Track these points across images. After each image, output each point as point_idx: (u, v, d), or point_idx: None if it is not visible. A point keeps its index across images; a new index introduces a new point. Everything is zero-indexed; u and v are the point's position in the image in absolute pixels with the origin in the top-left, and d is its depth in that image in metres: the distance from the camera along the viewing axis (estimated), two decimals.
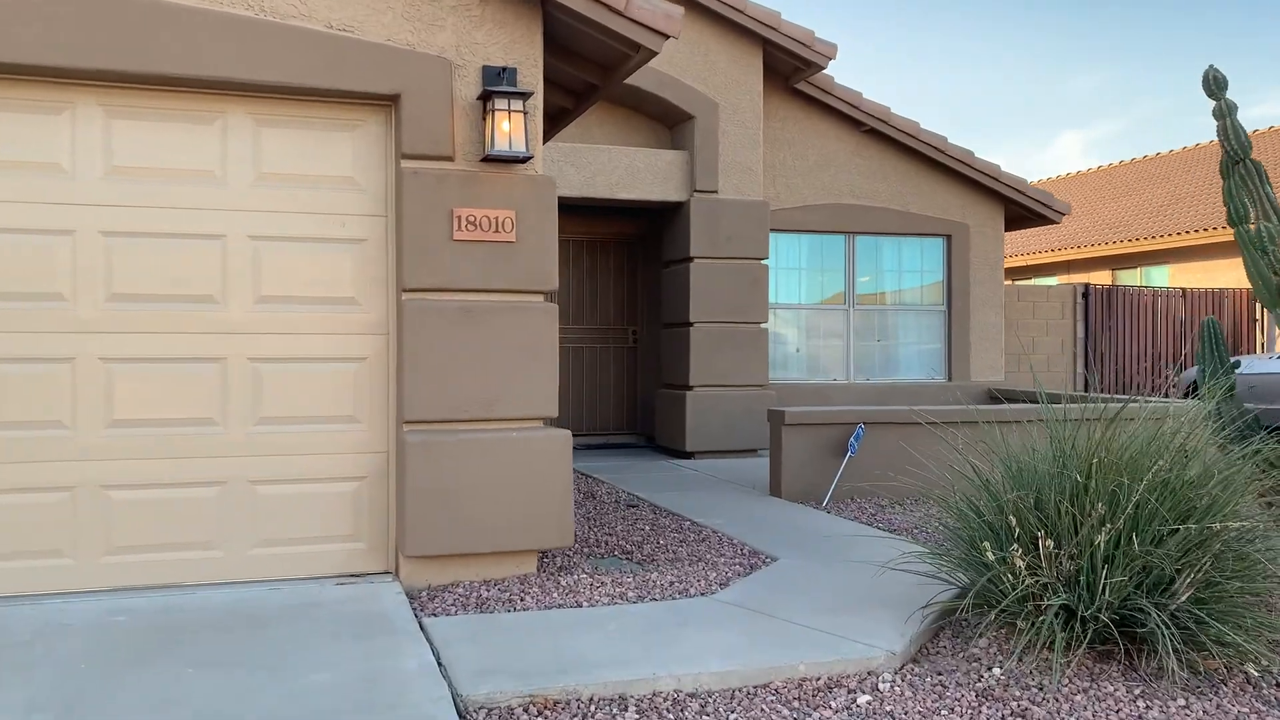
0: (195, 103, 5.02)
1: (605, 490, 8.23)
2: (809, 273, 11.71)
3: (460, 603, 4.82)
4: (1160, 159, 23.79)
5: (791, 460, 7.89)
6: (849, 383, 11.70)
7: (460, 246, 5.19)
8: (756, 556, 5.83)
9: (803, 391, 11.41)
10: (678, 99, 10.22)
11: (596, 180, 10.12)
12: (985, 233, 12.18)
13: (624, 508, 7.48)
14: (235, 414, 5.08)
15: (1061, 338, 14.14)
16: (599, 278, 11.99)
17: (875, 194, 11.74)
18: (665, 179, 10.34)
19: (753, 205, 10.45)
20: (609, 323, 12.01)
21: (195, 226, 5.03)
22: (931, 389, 11.85)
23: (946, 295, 12.09)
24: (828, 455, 7.95)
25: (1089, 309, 14.17)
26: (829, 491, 7.89)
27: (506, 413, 5.26)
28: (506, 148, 5.12)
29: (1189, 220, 17.12)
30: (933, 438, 8.40)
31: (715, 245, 10.32)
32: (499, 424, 5.28)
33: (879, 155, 11.75)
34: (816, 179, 11.53)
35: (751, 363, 10.45)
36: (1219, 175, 6.75)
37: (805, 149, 11.48)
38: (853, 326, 11.81)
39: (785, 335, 11.62)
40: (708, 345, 10.31)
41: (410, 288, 5.13)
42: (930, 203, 11.95)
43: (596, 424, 11.93)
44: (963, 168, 11.79)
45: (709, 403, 10.28)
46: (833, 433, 7.98)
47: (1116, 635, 4.03)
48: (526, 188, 5.31)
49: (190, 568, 5.02)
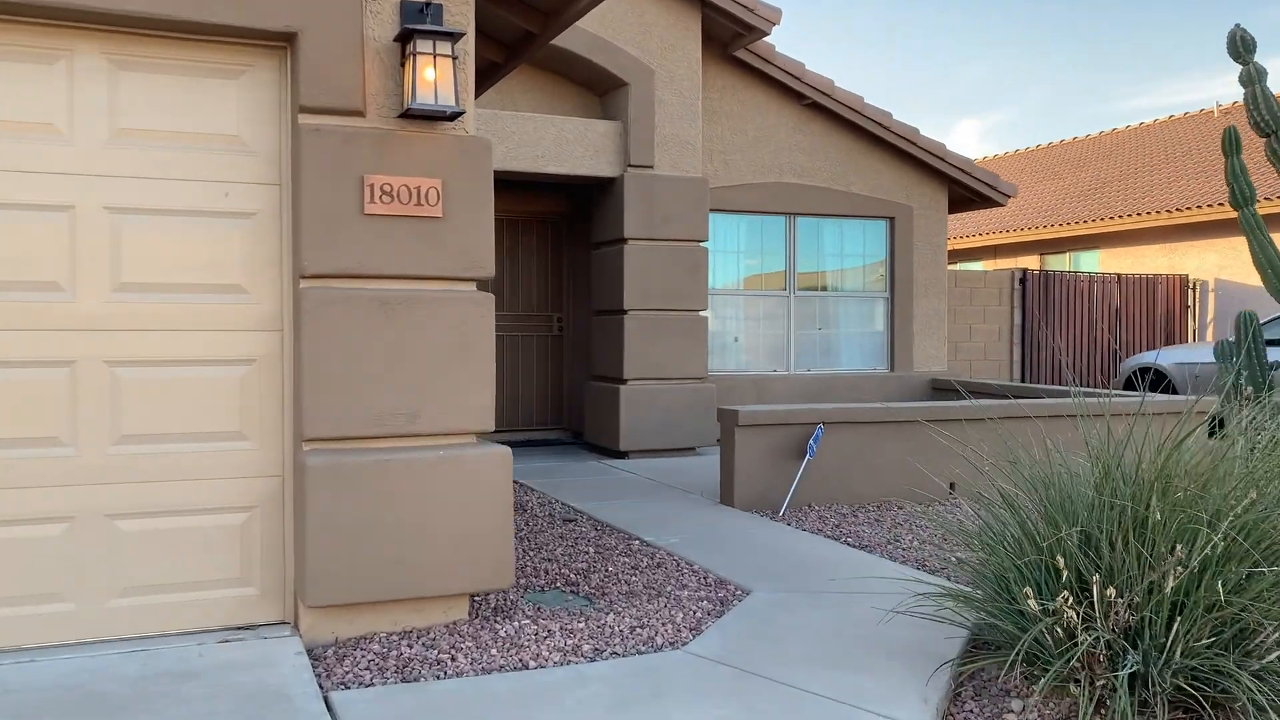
0: (31, 36, 3.94)
1: (536, 500, 7.33)
2: (748, 256, 10.94)
3: (377, 665, 3.88)
4: (1078, 144, 23.74)
5: (745, 464, 7.10)
6: (789, 374, 10.99)
7: (374, 223, 4.22)
8: (724, 588, 5.02)
9: (741, 384, 10.66)
10: (611, 64, 9.31)
11: (521, 152, 9.16)
12: (929, 215, 11.58)
13: (561, 523, 6.59)
14: (88, 431, 4.04)
15: (999, 325, 13.69)
16: (521, 260, 11.03)
17: (817, 172, 11.03)
18: (597, 152, 9.43)
19: (691, 183, 9.62)
20: (532, 309, 11.07)
21: (32, 194, 3.95)
22: (874, 380, 11.22)
23: (889, 281, 11.47)
24: (784, 458, 7.19)
25: (1026, 295, 13.75)
26: (786, 499, 7.13)
27: (432, 426, 4.32)
28: (431, 101, 4.16)
29: (1118, 204, 16.90)
30: (896, 438, 7.74)
31: (651, 226, 9.46)
32: (423, 440, 4.34)
33: (821, 131, 11.03)
34: (756, 155, 10.75)
35: (690, 354, 9.64)
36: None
37: (744, 123, 10.69)
38: (794, 314, 11.10)
39: (724, 323, 10.85)
40: (643, 335, 9.46)
41: (311, 273, 4.15)
42: (873, 183, 11.29)
43: (519, 419, 10.99)
44: (908, 146, 11.15)
45: (645, 397, 9.44)
46: (789, 434, 7.21)
47: (1199, 702, 3.32)
48: (456, 151, 4.37)
49: (30, 627, 3.97)
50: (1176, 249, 15.69)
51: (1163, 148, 19.54)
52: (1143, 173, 18.21)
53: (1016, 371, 13.70)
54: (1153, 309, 14.58)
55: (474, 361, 4.38)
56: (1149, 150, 19.85)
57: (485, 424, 4.41)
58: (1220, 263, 15.08)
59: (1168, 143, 19.74)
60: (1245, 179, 5.77)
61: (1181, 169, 17.34)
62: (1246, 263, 14.65)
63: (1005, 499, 4.04)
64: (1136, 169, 18.75)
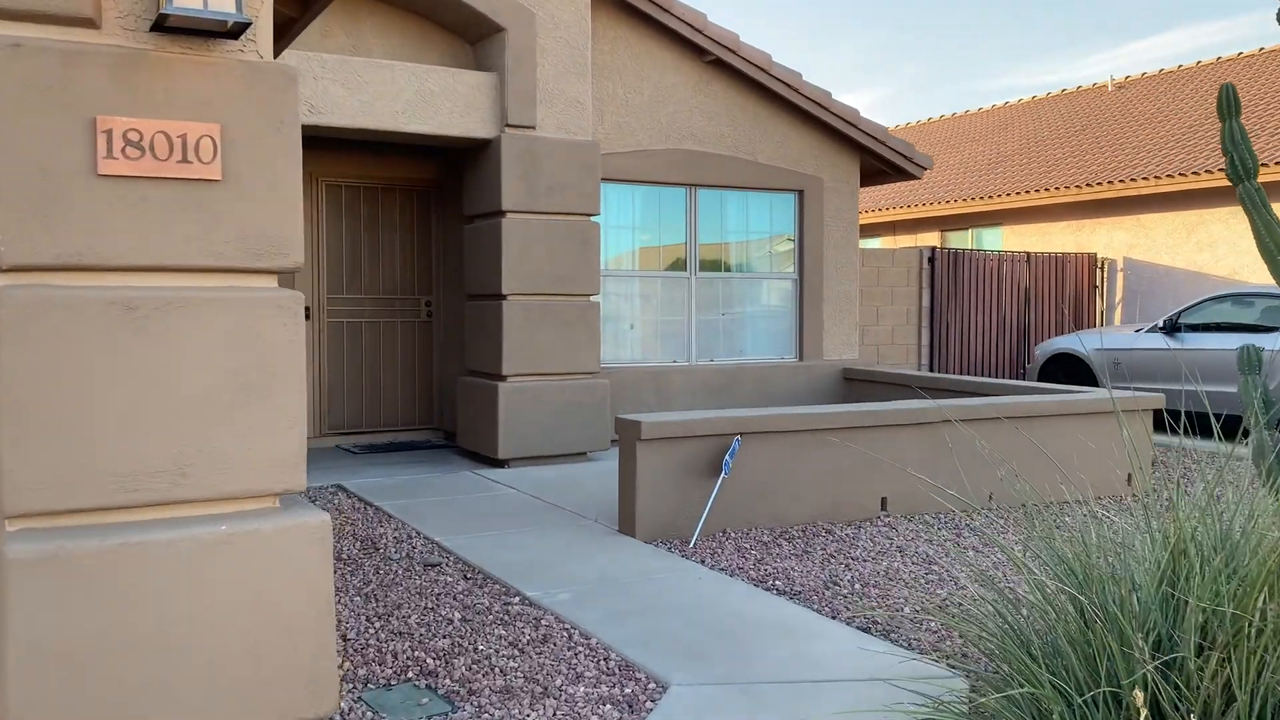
0: None
1: (393, 534, 5.97)
2: (644, 232, 9.70)
3: None
4: (970, 117, 23.24)
5: (649, 485, 5.89)
6: (691, 365, 9.81)
7: (113, 188, 2.82)
8: (632, 677, 3.79)
9: (639, 377, 9.44)
10: (483, 5, 7.89)
11: (376, 106, 7.68)
12: (840, 188, 10.54)
13: (421, 569, 5.26)
14: None
15: (907, 307, 12.81)
16: (383, 235, 9.55)
17: (721, 139, 9.83)
18: (468, 108, 8.02)
19: (581, 147, 8.30)
20: (395, 292, 9.61)
21: None
22: (782, 371, 10.15)
23: (798, 261, 10.39)
24: (694, 476, 6.01)
25: (935, 275, 12.91)
26: (698, 526, 5.95)
27: (210, 489, 2.95)
28: (199, 3, 2.77)
29: (1022, 179, 16.27)
30: (820, 448, 6.65)
31: (534, 196, 8.12)
32: (197, 509, 2.97)
33: (725, 93, 9.83)
34: (653, 118, 9.49)
35: (581, 345, 8.36)
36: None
37: (639, 80, 9.41)
38: (695, 297, 9.92)
39: (618, 308, 9.60)
40: (525, 323, 8.14)
41: (10, 265, 2.73)
42: (781, 151, 10.16)
43: (381, 418, 9.55)
44: (819, 111, 10.05)
45: (528, 396, 8.13)
46: (701, 448, 6.03)
47: None
48: (242, 84, 2.98)
49: None
50: (1084, 226, 15.12)
51: (1062, 121, 19.06)
52: (1043, 147, 17.65)
53: (925, 357, 12.87)
54: (1062, 289, 13.95)
55: (275, 391, 3.02)
56: (1047, 124, 19.36)
57: (292, 481, 3.06)
58: (1129, 241, 14.55)
59: (1066, 117, 19.28)
60: (1247, 146, 4.80)
61: (1083, 143, 16.82)
62: (1156, 241, 14.17)
63: (1040, 593, 2.90)
64: (1036, 143, 18.20)
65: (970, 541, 6.05)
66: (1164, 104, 17.18)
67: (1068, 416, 7.27)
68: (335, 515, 6.45)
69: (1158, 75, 19.52)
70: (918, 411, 6.69)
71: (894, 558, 5.62)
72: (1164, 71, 19.55)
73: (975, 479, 6.97)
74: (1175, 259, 14.00)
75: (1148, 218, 14.31)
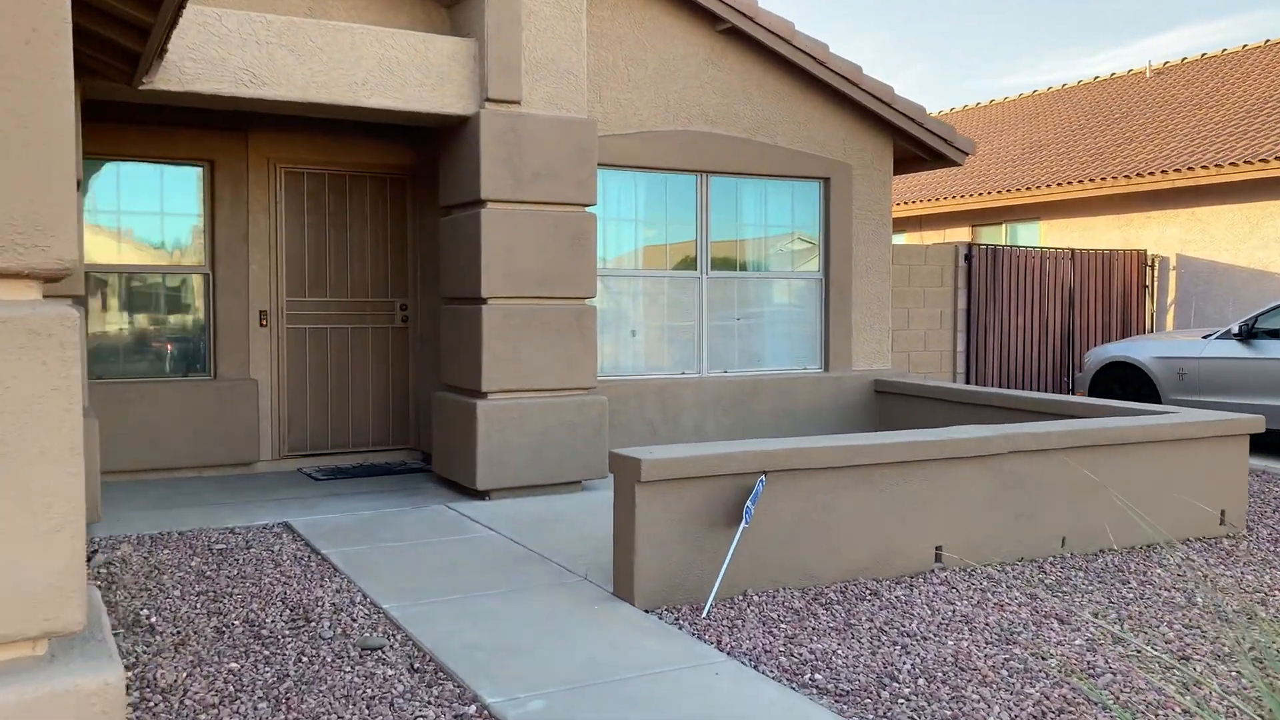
0: None
1: (333, 598, 4.80)
2: (648, 226, 8.51)
3: None
4: (996, 107, 21.98)
5: (650, 538, 4.71)
6: (702, 377, 8.62)
7: None
8: None
9: (642, 391, 8.26)
10: None
11: (331, 76, 6.51)
12: (871, 176, 9.33)
13: (357, 655, 4.09)
14: None
15: (941, 309, 11.60)
16: (351, 228, 8.39)
17: (736, 119, 8.64)
18: (441, 80, 6.85)
19: (574, 126, 7.12)
20: (366, 294, 8.45)
21: None
22: (805, 383, 8.96)
23: (824, 258, 9.19)
24: (706, 525, 4.83)
25: (972, 274, 11.68)
26: (713, 591, 4.77)
27: None
28: None
29: (1059, 170, 15.02)
30: (859, 486, 5.45)
31: (519, 183, 6.95)
32: None
33: (741, 66, 8.64)
34: (658, 94, 8.30)
35: (574, 356, 7.18)
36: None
37: (642, 51, 8.23)
38: (706, 300, 8.72)
39: (617, 313, 8.42)
40: (509, 331, 6.96)
41: None
42: (805, 134, 8.97)
43: (350, 438, 8.39)
44: (849, 88, 8.85)
45: (512, 416, 6.96)
46: (716, 490, 4.84)
47: None
48: None
49: None
50: (1133, 220, 13.87)
51: (1097, 109, 17.80)
52: (1082, 135, 16.39)
53: (960, 365, 11.65)
54: (1109, 290, 12.71)
55: (23, 474, 1.84)
56: (1081, 112, 18.09)
57: (60, 617, 1.88)
58: (1183, 236, 13.30)
59: (1100, 105, 18.02)
60: None
61: (1127, 131, 15.56)
62: (1214, 236, 12.92)
63: None
64: (1072, 131, 16.94)
65: (1050, 606, 4.86)
66: (1213, 88, 15.90)
67: (1153, 444, 6.07)
68: (271, 568, 5.28)
69: (1200, 60, 18.25)
70: (983, 441, 5.49)
71: (961, 633, 4.44)
72: (1206, 56, 18.29)
73: (1043, 518, 5.78)
74: (1236, 256, 12.74)
75: (1204, 210, 13.06)
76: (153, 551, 5.62)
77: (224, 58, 6.25)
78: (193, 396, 7.72)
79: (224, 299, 7.87)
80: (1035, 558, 5.77)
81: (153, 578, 5.10)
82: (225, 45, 6.25)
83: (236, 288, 7.91)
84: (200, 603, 4.70)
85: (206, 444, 7.76)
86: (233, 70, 6.27)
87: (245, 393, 7.87)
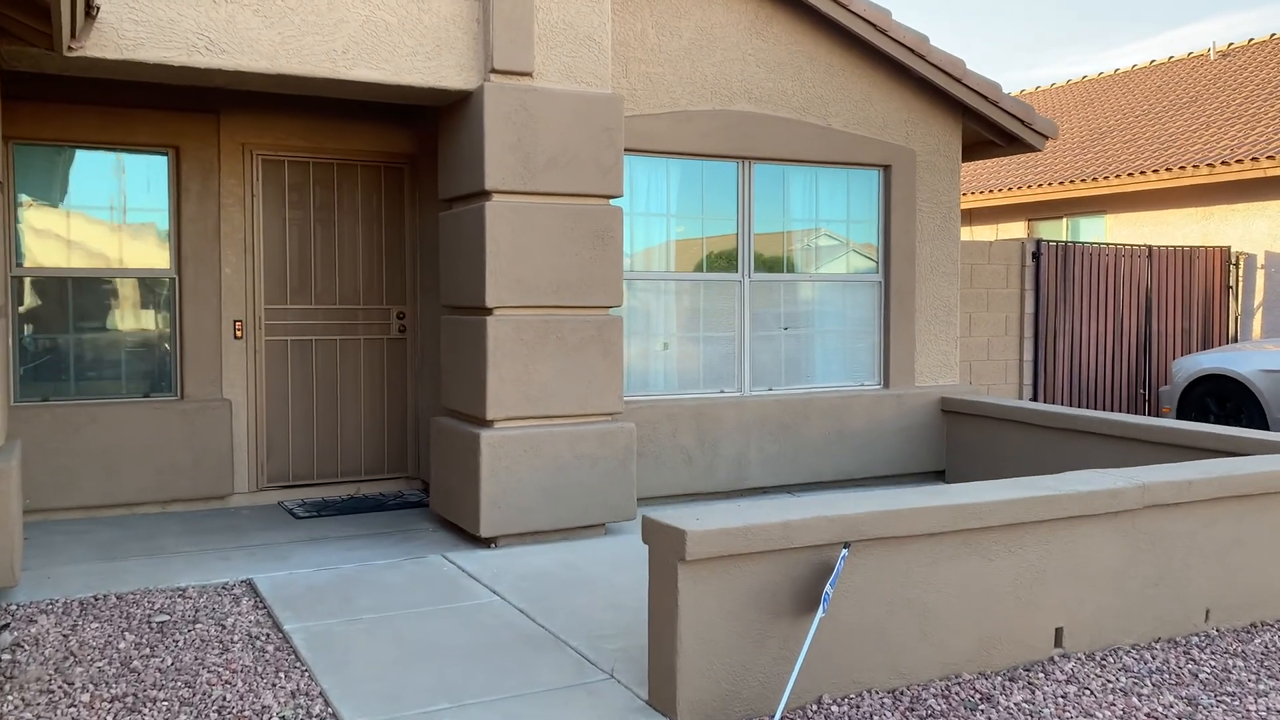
0: None
1: (279, 713, 3.68)
2: (681, 221, 7.36)
3: None
4: (1042, 94, 20.65)
5: (698, 632, 3.57)
6: (743, 396, 7.47)
7: None
8: None
9: (675, 414, 7.11)
10: None
11: (306, 43, 5.40)
12: (937, 163, 8.14)
13: None
14: None
15: (1006, 314, 10.38)
16: (341, 226, 7.29)
17: (784, 97, 7.48)
18: (438, 47, 5.72)
19: (596, 103, 5.98)
20: (358, 300, 7.36)
21: None
22: (863, 402, 7.79)
23: (883, 258, 8.02)
24: (770, 613, 3.69)
25: (1040, 274, 10.47)
26: (782, 700, 3.63)
27: None
28: None
29: (1126, 159, 13.74)
30: (960, 552, 4.29)
31: (531, 171, 5.82)
32: None
33: (789, 36, 7.47)
34: (694, 68, 7.15)
35: (596, 375, 6.05)
36: None
37: (676, 18, 7.08)
38: (749, 307, 7.56)
39: (645, 323, 7.27)
40: (519, 347, 5.84)
41: None
42: (862, 114, 7.79)
43: (339, 466, 7.30)
44: (915, 61, 7.66)
45: (521, 448, 5.83)
46: (781, 567, 3.70)
47: None
48: None
49: None
50: (1213, 214, 12.58)
51: (1160, 94, 16.49)
52: (1148, 122, 15.10)
53: (1027, 376, 10.43)
54: (1190, 291, 11.45)
55: None
56: (1143, 98, 16.78)
57: None
58: (1272, 231, 12.01)
59: (1163, 89, 16.70)
60: None
61: (1200, 116, 14.27)
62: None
63: None
64: (1136, 117, 15.65)
65: (1210, 710, 3.69)
66: None
67: None
68: (216, 655, 4.19)
69: (1269, 40, 16.90)
70: (1114, 495, 4.32)
71: None
72: (1276, 37, 16.93)
73: (1182, 588, 4.61)
74: None
75: None
76: (78, 626, 4.54)
77: (173, 19, 5.15)
78: (155, 420, 6.65)
79: (192, 307, 6.80)
80: (1175, 637, 4.60)
81: (64, 671, 4.02)
82: (175, 3, 5.15)
83: (207, 294, 6.83)
84: (110, 718, 3.60)
85: (171, 475, 6.69)
86: (184, 34, 5.18)
87: (217, 415, 6.79)
